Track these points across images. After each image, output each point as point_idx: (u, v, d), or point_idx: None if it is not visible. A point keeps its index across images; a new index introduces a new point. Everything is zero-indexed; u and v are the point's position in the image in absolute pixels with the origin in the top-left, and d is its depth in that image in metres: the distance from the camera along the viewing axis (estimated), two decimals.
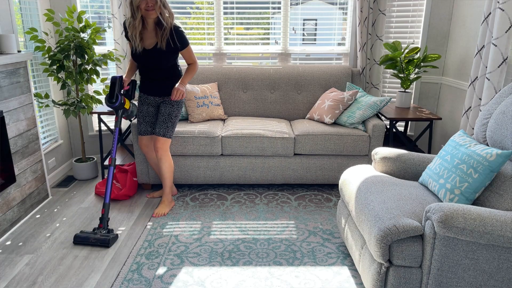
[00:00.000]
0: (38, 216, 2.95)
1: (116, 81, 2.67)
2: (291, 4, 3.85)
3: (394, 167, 2.40)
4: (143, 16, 2.65)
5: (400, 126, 4.10)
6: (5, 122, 2.65)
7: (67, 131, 3.91)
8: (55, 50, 3.27)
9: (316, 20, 4.19)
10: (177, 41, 2.74)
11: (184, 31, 2.80)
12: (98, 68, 3.50)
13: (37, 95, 3.21)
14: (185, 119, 3.51)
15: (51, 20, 3.22)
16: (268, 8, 3.86)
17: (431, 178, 2.11)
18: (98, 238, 2.54)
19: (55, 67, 3.32)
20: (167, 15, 2.68)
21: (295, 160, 3.27)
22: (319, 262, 2.37)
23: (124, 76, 2.86)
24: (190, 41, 2.87)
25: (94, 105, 3.66)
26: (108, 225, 2.67)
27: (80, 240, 2.55)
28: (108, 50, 3.55)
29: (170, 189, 3.04)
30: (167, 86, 2.90)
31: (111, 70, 3.97)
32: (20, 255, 2.45)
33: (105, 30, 3.37)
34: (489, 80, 2.73)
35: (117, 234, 2.62)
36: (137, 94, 3.61)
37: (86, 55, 3.32)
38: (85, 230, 2.66)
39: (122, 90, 2.82)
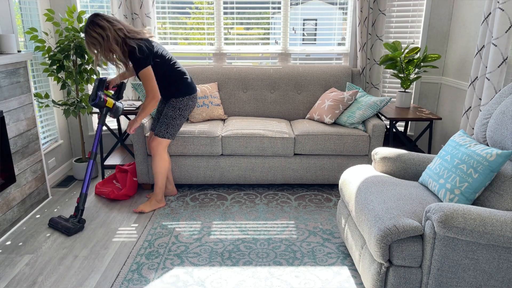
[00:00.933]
0: (38, 216, 2.95)
1: (98, 82, 2.83)
2: (291, 4, 3.85)
3: (394, 167, 2.40)
4: None
5: (400, 126, 4.10)
6: (5, 122, 2.65)
7: (67, 131, 3.91)
8: (55, 50, 3.27)
9: (316, 20, 4.18)
10: (132, 65, 2.66)
11: (143, 51, 2.62)
12: (98, 68, 3.50)
13: (37, 95, 3.21)
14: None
15: (51, 20, 3.22)
16: (268, 8, 3.86)
17: (431, 178, 2.11)
18: (63, 226, 2.71)
19: (55, 67, 3.32)
20: (118, 52, 2.62)
21: (295, 160, 3.27)
22: (319, 262, 2.37)
23: (113, 78, 2.96)
24: (190, 41, 2.86)
25: None
26: (82, 215, 2.80)
27: (52, 224, 2.77)
28: None
29: (161, 190, 3.05)
30: (165, 92, 2.93)
31: (111, 70, 3.97)
32: (20, 255, 2.45)
33: None
34: (489, 80, 2.73)
35: (82, 226, 2.74)
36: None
37: (86, 55, 3.32)
38: (63, 216, 2.84)
39: (111, 92, 2.95)
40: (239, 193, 3.34)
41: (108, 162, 3.53)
